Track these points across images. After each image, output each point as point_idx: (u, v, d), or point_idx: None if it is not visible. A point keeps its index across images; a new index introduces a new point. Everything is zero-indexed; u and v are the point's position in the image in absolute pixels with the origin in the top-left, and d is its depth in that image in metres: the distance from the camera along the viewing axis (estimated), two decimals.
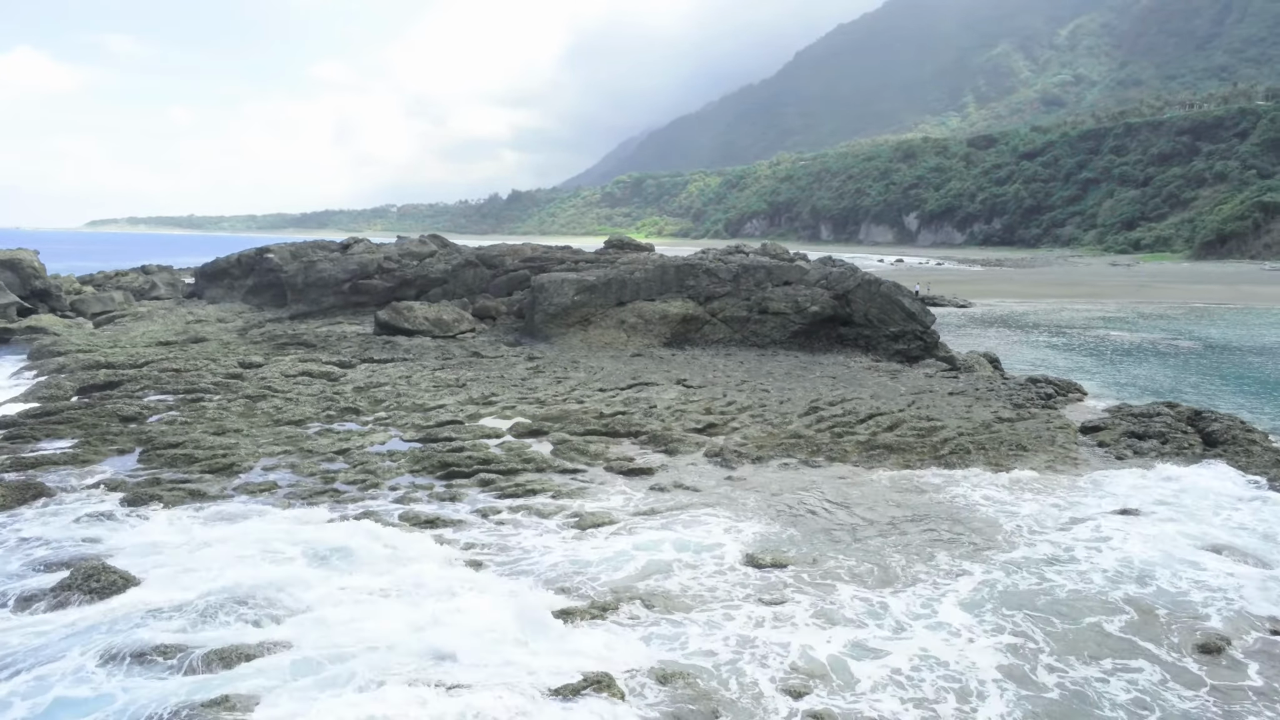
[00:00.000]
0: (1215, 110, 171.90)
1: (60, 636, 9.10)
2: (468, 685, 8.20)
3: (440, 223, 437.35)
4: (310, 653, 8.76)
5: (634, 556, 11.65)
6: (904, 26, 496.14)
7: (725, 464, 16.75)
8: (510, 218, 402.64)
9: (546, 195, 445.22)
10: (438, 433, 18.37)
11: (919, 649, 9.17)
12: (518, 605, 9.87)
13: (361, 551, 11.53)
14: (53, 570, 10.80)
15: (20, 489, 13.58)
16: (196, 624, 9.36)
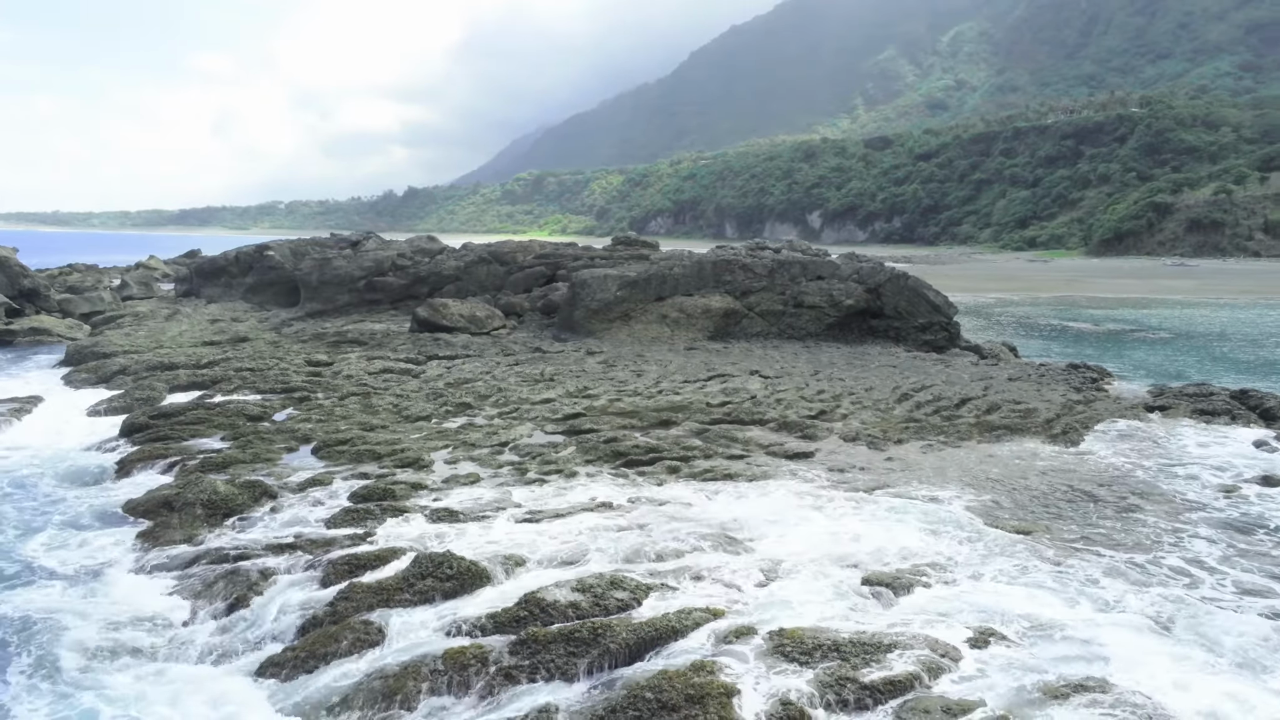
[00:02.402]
0: (1095, 116, 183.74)
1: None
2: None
3: (332, 220, 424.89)
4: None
5: (891, 530, 12.52)
6: (794, 29, 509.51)
7: (873, 446, 17.77)
8: (407, 215, 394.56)
9: (444, 192, 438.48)
10: (578, 424, 18.76)
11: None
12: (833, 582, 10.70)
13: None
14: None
15: (251, 489, 13.46)
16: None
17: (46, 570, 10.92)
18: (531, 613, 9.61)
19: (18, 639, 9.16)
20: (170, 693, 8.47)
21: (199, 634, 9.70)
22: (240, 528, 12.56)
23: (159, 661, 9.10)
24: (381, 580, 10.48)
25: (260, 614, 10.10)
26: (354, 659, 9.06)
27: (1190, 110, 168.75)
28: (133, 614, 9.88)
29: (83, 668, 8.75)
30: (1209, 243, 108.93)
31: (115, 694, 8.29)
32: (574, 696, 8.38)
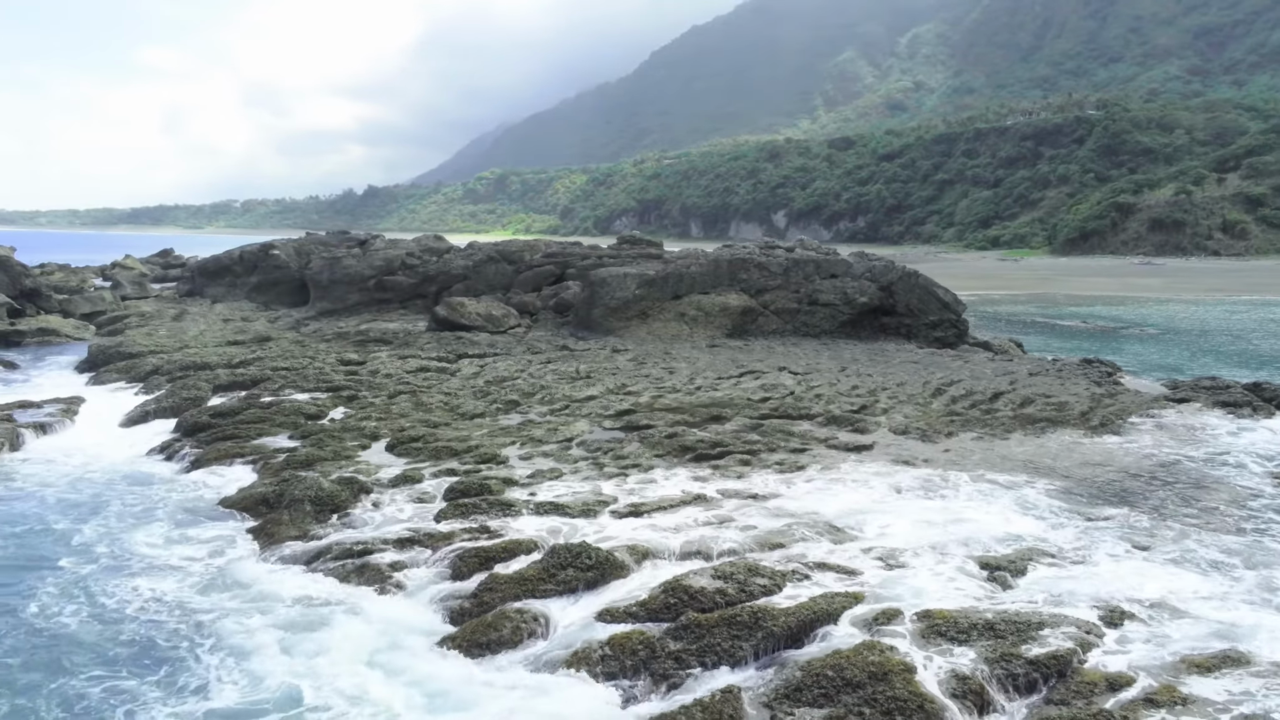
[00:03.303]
0: (1054, 118, 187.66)
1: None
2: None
3: (290, 219, 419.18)
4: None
5: (984, 516, 13.02)
6: (755, 30, 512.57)
7: (926, 439, 18.28)
8: (367, 214, 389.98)
9: (405, 191, 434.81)
10: (633, 420, 19.04)
11: None
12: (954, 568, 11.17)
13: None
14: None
15: (350, 485, 13.57)
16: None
17: (177, 566, 10.98)
18: (681, 599, 9.91)
19: (187, 627, 9.27)
20: (348, 673, 8.65)
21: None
22: (348, 523, 12.68)
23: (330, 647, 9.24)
24: (521, 571, 10.71)
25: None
26: (521, 647, 9.31)
27: (1145, 113, 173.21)
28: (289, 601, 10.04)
29: (258, 652, 8.89)
30: (1170, 242, 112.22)
31: (311, 670, 8.49)
32: (746, 678, 8.71)
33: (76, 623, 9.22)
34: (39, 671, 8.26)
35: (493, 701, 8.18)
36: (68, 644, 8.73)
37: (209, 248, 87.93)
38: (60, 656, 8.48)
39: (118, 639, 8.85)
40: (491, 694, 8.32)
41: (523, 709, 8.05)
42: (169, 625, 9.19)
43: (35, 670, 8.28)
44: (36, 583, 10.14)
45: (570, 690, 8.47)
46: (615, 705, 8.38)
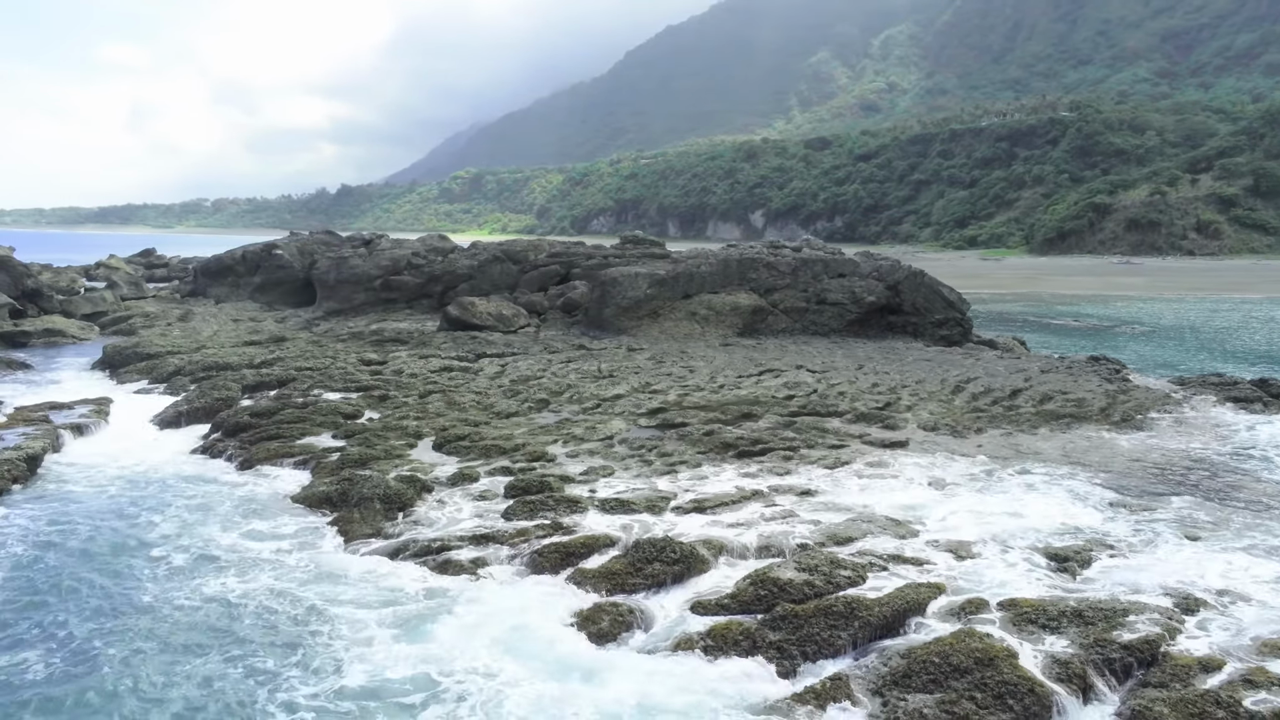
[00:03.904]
0: (1028, 119, 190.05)
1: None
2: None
3: (263, 218, 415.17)
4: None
5: (1038, 508, 13.37)
6: (729, 31, 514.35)
7: (957, 435, 18.64)
8: (341, 213, 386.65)
9: (379, 190, 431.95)
10: (668, 418, 19.25)
11: None
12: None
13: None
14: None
15: (412, 484, 13.68)
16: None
17: (270, 558, 11.10)
18: (770, 591, 10.16)
19: (304, 613, 9.44)
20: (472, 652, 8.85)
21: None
22: (416, 521, 12.79)
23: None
24: (607, 566, 10.91)
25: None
26: (621, 639, 9.49)
27: (1117, 114, 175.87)
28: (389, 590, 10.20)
29: (379, 636, 9.09)
30: (1146, 242, 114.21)
31: (434, 651, 8.68)
32: (848, 666, 8.97)
33: (195, 611, 9.36)
34: (174, 654, 8.42)
35: (629, 675, 8.47)
36: (194, 630, 8.88)
37: (188, 247, 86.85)
38: (190, 641, 8.65)
39: (241, 625, 9.01)
40: (623, 670, 8.55)
41: (663, 672, 8.33)
42: (287, 612, 9.38)
43: (170, 653, 8.45)
44: (139, 575, 10.23)
45: (696, 666, 8.73)
46: (750, 679, 8.62)
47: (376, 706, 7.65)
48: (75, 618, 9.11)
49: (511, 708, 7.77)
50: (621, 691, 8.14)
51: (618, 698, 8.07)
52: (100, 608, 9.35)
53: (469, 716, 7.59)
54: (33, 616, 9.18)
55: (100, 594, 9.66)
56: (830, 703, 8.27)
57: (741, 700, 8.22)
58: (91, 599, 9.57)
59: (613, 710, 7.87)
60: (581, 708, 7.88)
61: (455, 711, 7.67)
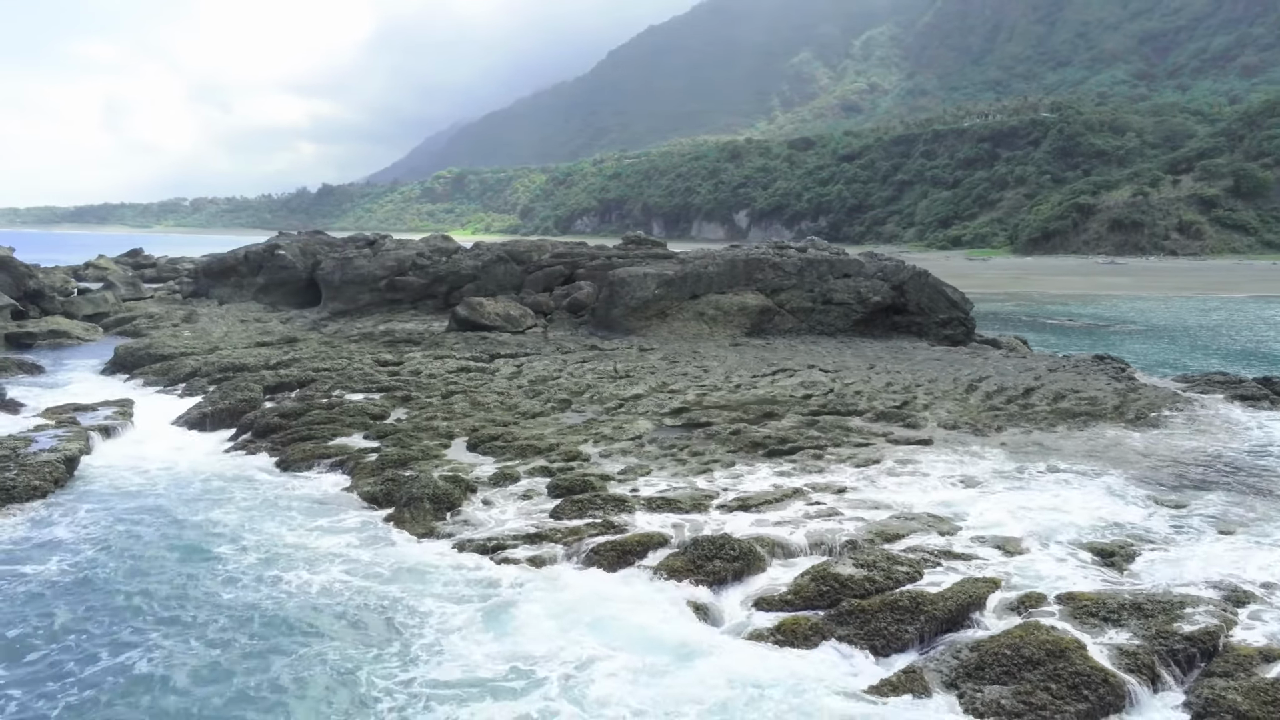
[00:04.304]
0: (1009, 120, 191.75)
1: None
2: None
3: (242, 218, 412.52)
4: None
5: (1075, 504, 13.64)
6: (711, 31, 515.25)
7: (978, 433, 18.91)
8: (322, 213, 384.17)
9: (361, 190, 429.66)
10: (693, 418, 19.42)
11: None
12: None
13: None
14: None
15: (457, 484, 13.76)
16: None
17: (340, 553, 11.26)
18: (832, 587, 10.35)
19: (388, 604, 9.61)
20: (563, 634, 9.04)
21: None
22: (465, 521, 12.89)
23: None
24: (668, 562, 11.06)
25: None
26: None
27: (1098, 116, 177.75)
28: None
29: (467, 624, 9.26)
30: (1129, 242, 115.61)
31: (526, 635, 8.92)
32: (917, 659, 9.16)
33: (278, 604, 9.47)
34: (264, 650, 8.52)
35: (726, 650, 8.86)
36: (280, 626, 8.98)
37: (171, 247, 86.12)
38: (280, 633, 8.77)
39: (326, 619, 9.12)
40: (708, 655, 8.77)
41: (747, 657, 8.67)
42: (370, 604, 9.54)
43: (263, 643, 8.56)
44: (214, 574, 10.28)
45: (772, 655, 8.95)
46: (828, 669, 8.84)
47: (476, 693, 7.79)
48: (157, 619, 9.15)
49: (610, 689, 7.95)
50: (711, 672, 8.34)
51: (708, 679, 8.28)
52: (180, 608, 9.40)
53: (568, 700, 7.75)
54: (113, 617, 9.22)
55: (177, 594, 9.71)
56: (907, 694, 8.47)
57: (828, 686, 8.42)
58: (169, 599, 9.61)
59: (706, 690, 8.09)
60: (675, 687, 8.07)
61: (554, 694, 7.84)
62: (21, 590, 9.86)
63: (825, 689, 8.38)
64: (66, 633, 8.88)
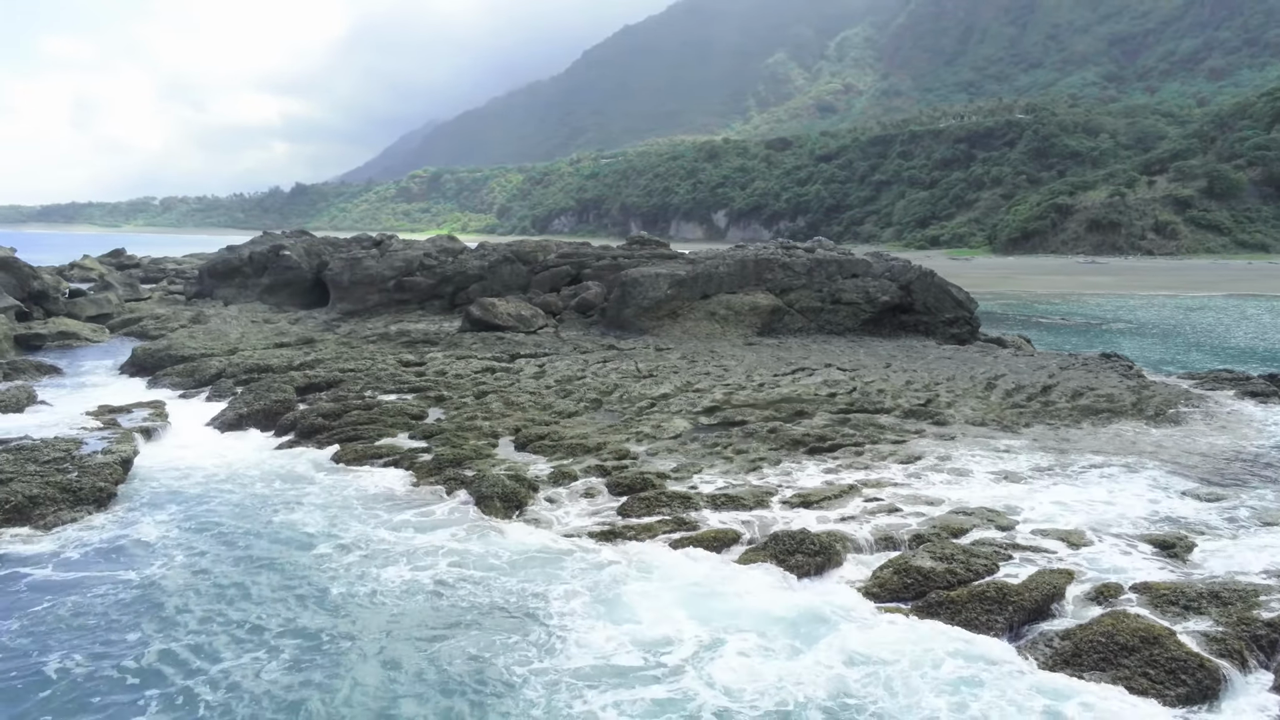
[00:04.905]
0: (985, 121, 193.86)
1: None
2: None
3: (214, 217, 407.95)
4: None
5: (1123, 498, 14.04)
6: (687, 31, 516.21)
7: (1006, 430, 19.32)
8: (296, 212, 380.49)
9: (335, 189, 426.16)
10: (728, 416, 19.68)
11: None
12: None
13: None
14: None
15: (521, 482, 13.91)
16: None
17: (440, 545, 11.43)
18: (915, 580, 10.64)
19: (512, 594, 9.85)
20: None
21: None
22: (535, 518, 13.05)
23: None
24: (746, 557, 11.31)
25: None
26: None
27: (1072, 117, 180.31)
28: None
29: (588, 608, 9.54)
30: (1107, 242, 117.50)
31: (649, 615, 9.16)
32: (1010, 648, 9.46)
33: (401, 598, 9.60)
34: (395, 640, 8.63)
35: (839, 630, 9.18)
36: (403, 618, 9.08)
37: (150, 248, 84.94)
38: (412, 626, 8.89)
39: (448, 609, 9.26)
40: (824, 632, 9.11)
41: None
42: (489, 594, 9.69)
43: (392, 639, 8.66)
44: (320, 570, 10.36)
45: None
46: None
47: (614, 679, 8.00)
48: (272, 618, 9.23)
49: (739, 668, 8.20)
50: (835, 646, 8.66)
51: (824, 658, 8.57)
52: (298, 607, 9.48)
53: (703, 682, 7.94)
54: (229, 619, 9.27)
55: (287, 594, 9.78)
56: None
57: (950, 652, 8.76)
58: (281, 599, 9.67)
59: (837, 657, 8.57)
60: (800, 664, 8.35)
61: (688, 677, 8.02)
62: (130, 594, 9.88)
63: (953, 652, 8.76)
64: (188, 634, 8.92)
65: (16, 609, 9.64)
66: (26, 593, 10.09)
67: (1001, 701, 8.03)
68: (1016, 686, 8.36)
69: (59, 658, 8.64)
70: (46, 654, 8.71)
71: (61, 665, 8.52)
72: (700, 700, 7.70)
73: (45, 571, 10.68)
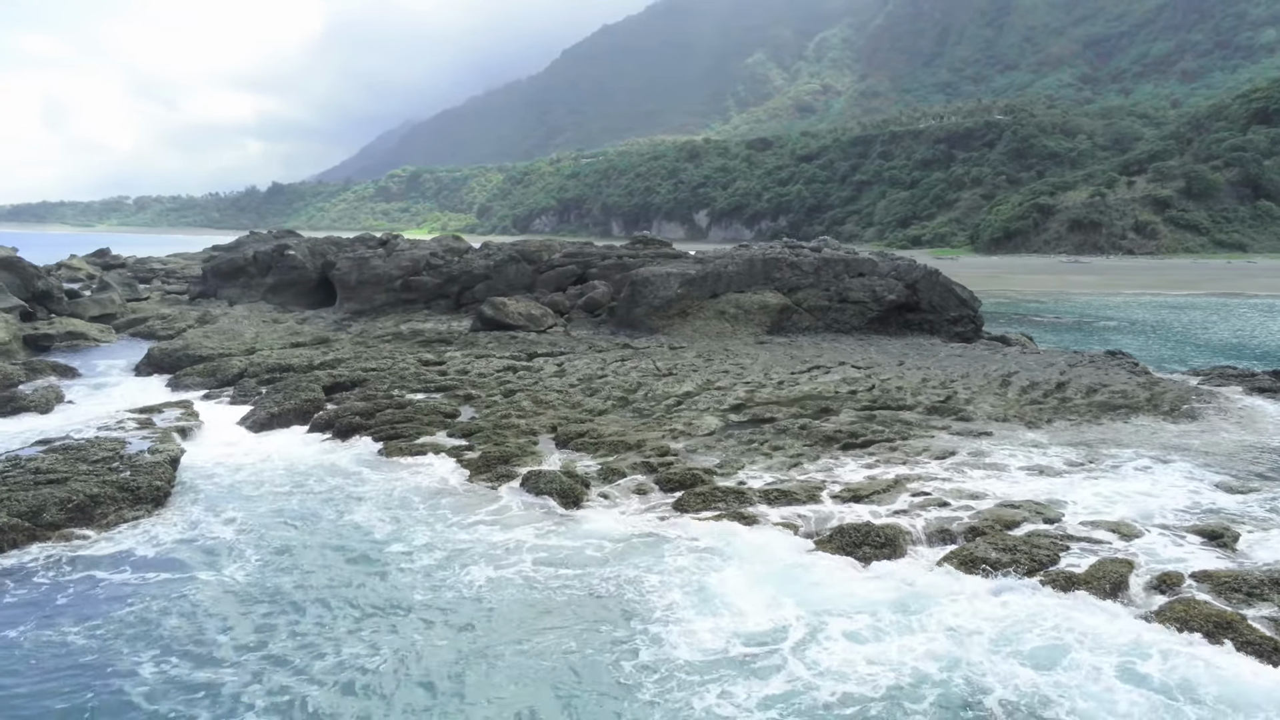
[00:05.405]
0: (965, 122, 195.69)
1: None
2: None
3: (189, 217, 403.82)
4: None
5: (1163, 490, 14.38)
6: (666, 31, 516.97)
7: (1030, 425, 19.67)
8: (272, 212, 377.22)
9: (313, 189, 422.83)
10: (758, 414, 19.90)
11: None
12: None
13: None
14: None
15: (574, 479, 14.05)
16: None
17: (523, 540, 11.54)
18: (983, 570, 10.89)
19: (612, 585, 10.05)
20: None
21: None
22: (594, 512, 13.20)
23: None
24: (814, 548, 11.52)
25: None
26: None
27: (1050, 119, 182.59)
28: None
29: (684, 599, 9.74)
30: (1089, 241, 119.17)
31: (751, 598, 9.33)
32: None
33: (493, 596, 9.67)
34: (509, 635, 8.73)
35: (947, 603, 9.60)
36: (499, 617, 9.17)
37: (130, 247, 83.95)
38: (511, 624, 8.96)
39: (542, 605, 9.34)
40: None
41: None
42: (580, 588, 9.77)
43: (506, 636, 8.75)
44: (406, 569, 10.43)
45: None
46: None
47: (725, 671, 8.15)
48: (364, 619, 9.23)
49: (841, 653, 8.47)
50: (935, 623, 8.96)
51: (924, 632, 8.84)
52: (383, 608, 9.50)
53: (809, 669, 8.13)
54: (321, 619, 9.30)
55: (374, 595, 9.77)
56: None
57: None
58: (365, 600, 9.68)
59: (939, 628, 8.99)
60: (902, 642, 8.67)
61: (794, 665, 8.23)
62: (214, 595, 9.89)
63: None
64: (281, 635, 8.94)
65: (101, 612, 9.62)
66: (108, 595, 10.08)
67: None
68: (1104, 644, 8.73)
69: (154, 661, 8.64)
70: (141, 657, 8.70)
71: (159, 669, 8.52)
72: (817, 682, 7.90)
73: (124, 574, 10.68)
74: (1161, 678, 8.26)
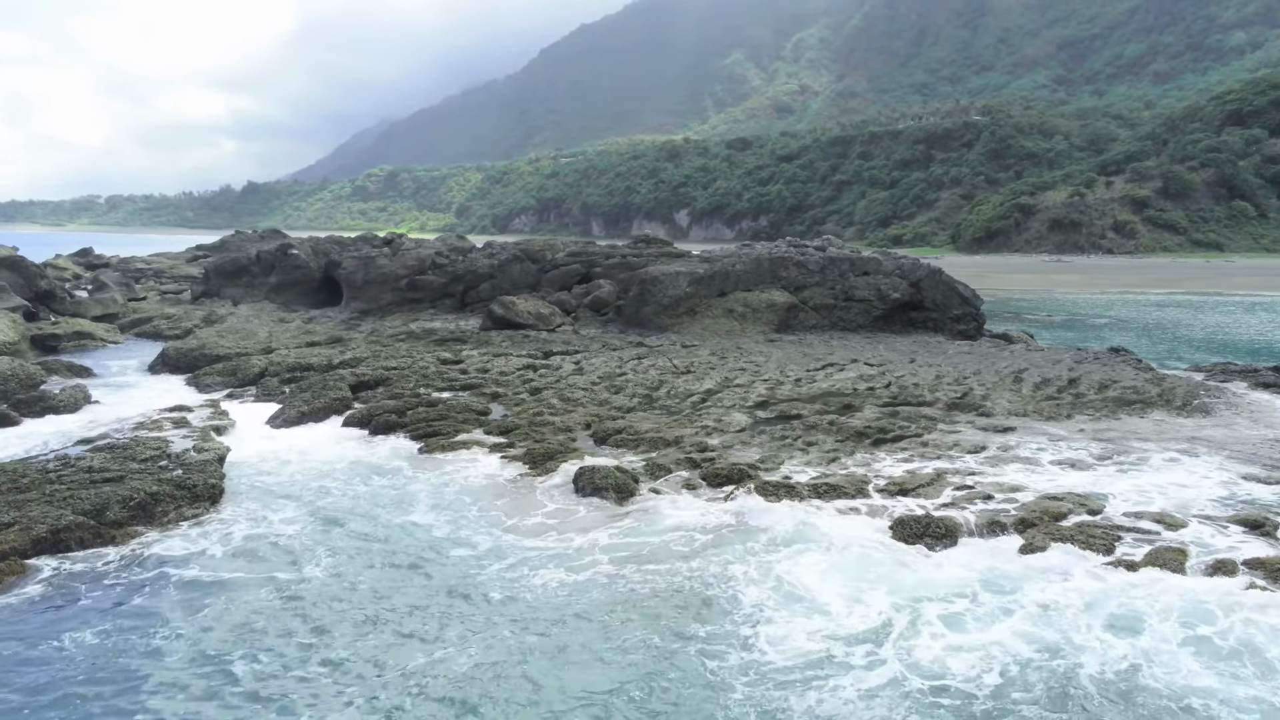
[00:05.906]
0: (943, 123, 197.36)
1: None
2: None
3: (162, 216, 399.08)
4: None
5: (1199, 483, 14.76)
6: (644, 30, 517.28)
7: (1050, 421, 20.06)
8: (247, 211, 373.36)
9: (288, 188, 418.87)
10: (785, 410, 20.15)
11: None
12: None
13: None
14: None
15: (625, 475, 14.21)
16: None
17: (589, 538, 11.68)
18: None
19: (693, 582, 10.15)
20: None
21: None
22: (647, 509, 13.35)
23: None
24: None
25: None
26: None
27: (1027, 119, 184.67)
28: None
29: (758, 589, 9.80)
30: (1069, 241, 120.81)
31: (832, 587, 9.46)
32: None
33: (572, 596, 9.73)
34: (594, 634, 8.85)
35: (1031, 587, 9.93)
36: (578, 620, 9.21)
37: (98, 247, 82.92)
38: (587, 630, 9.00)
39: (624, 607, 9.45)
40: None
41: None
42: (664, 588, 9.91)
43: (591, 635, 8.86)
44: (477, 568, 10.51)
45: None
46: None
47: (818, 670, 8.31)
48: (444, 622, 9.27)
49: (936, 646, 8.71)
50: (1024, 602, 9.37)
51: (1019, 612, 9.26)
52: (460, 608, 9.55)
53: (907, 668, 8.36)
54: (401, 620, 9.34)
55: (449, 594, 9.81)
56: None
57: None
58: (443, 599, 9.74)
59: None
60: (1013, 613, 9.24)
61: (894, 664, 8.45)
62: (291, 594, 9.92)
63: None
64: (365, 636, 8.96)
65: (183, 611, 9.63)
66: (185, 593, 10.10)
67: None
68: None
69: (245, 659, 8.68)
70: (230, 655, 8.74)
71: (250, 667, 8.56)
72: (925, 663, 8.15)
73: (194, 571, 10.71)
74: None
